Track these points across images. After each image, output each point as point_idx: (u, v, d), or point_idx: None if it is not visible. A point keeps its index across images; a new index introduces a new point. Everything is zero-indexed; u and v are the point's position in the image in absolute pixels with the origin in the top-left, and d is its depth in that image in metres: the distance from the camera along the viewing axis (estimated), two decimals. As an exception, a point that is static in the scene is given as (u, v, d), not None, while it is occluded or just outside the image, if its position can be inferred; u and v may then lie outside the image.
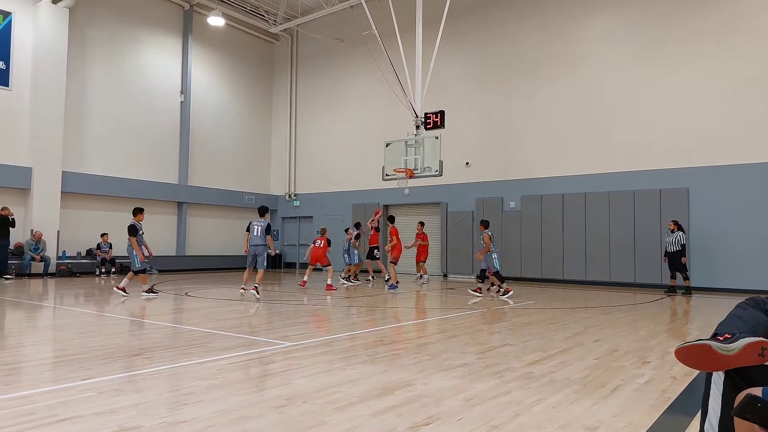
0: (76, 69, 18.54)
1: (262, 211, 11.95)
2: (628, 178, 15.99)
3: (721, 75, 14.73)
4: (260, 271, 11.30)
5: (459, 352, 5.90)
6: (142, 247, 11.40)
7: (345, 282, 15.82)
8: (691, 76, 15.17)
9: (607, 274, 16.14)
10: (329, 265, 14.15)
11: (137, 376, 4.64)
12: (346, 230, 17.27)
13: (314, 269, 15.09)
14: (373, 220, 16.19)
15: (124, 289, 11.43)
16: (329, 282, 13.64)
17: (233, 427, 3.34)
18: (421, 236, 16.21)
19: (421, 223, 16.61)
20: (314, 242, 14.55)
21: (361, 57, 21.53)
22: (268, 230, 11.36)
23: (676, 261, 13.66)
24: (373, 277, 17.22)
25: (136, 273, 11.43)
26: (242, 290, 11.46)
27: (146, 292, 11.31)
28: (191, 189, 21.87)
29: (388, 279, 14.27)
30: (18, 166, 16.94)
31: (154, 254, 12.09)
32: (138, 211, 11.69)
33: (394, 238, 15.38)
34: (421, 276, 16.40)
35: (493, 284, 12.80)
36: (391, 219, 16.45)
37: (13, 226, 16.06)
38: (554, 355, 5.78)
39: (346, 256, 16.36)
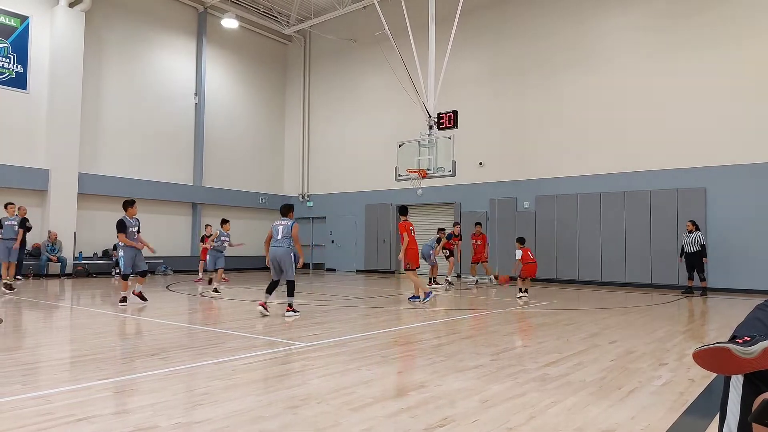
0: (92, 72, 18.74)
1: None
2: (643, 177, 15.84)
3: (739, 73, 14.53)
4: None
5: (473, 353, 5.88)
6: (138, 242, 9.96)
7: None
8: (709, 74, 14.97)
9: (622, 275, 16.00)
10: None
11: (153, 376, 4.68)
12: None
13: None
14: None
15: (140, 295, 10.14)
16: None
17: (248, 428, 3.35)
18: (479, 237, 16.13)
19: (479, 224, 16.59)
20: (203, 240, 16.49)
21: (373, 57, 21.53)
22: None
23: (696, 261, 13.44)
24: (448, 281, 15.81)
25: (124, 277, 10.00)
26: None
27: (122, 301, 9.78)
28: (205, 190, 22.02)
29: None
30: (35, 168, 17.15)
31: (168, 255, 12.00)
32: (128, 204, 10.11)
33: (406, 236, 11.44)
34: (491, 278, 15.80)
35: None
36: (404, 210, 12.14)
37: (28, 230, 15.84)
38: (570, 356, 5.74)
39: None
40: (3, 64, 16.71)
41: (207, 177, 22.18)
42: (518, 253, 11.90)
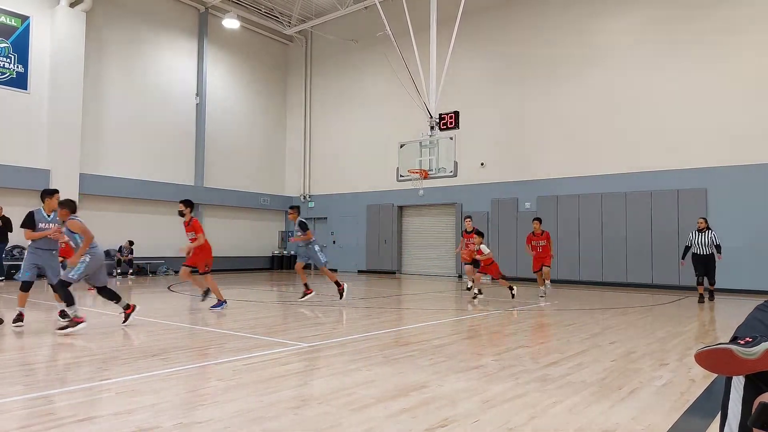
0: (93, 72, 18.75)
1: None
2: (644, 178, 15.84)
3: (740, 73, 14.54)
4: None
5: (474, 353, 5.88)
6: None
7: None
8: (710, 75, 14.98)
9: (623, 276, 16.00)
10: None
11: (155, 376, 4.68)
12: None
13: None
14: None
15: (62, 313, 7.94)
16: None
17: (250, 428, 3.36)
18: (542, 236, 13.04)
19: (539, 220, 13.35)
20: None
21: (375, 58, 21.54)
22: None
23: (710, 264, 11.97)
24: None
25: (21, 287, 7.53)
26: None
27: (16, 320, 7.41)
28: (207, 190, 22.03)
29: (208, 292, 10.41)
30: (36, 168, 17.16)
31: (169, 255, 11.74)
32: (46, 194, 7.70)
33: (201, 235, 9.88)
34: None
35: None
36: (188, 203, 10.11)
37: (10, 230, 15.20)
38: (571, 356, 5.74)
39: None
40: (4, 64, 16.73)
41: (208, 177, 22.19)
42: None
